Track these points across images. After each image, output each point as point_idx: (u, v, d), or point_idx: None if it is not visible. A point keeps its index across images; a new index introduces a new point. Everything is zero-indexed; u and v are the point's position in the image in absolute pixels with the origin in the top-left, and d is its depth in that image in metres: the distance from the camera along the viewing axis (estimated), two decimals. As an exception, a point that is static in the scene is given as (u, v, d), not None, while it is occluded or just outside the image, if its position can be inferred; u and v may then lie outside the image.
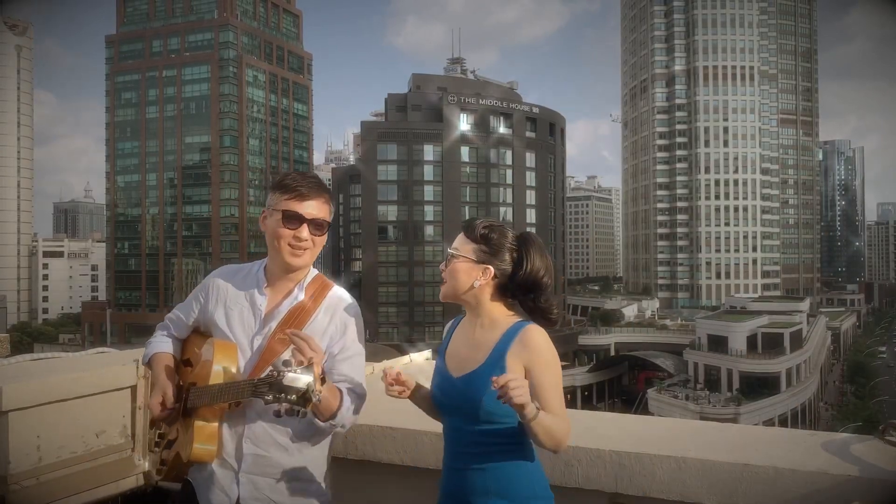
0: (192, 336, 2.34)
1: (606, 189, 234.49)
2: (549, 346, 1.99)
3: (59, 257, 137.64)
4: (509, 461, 1.97)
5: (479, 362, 2.00)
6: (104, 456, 3.08)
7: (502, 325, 2.05)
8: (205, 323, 2.28)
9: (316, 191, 2.15)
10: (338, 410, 2.05)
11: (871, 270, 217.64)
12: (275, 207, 2.14)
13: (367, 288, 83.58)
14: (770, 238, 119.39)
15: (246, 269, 2.29)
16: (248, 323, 2.18)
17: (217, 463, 2.11)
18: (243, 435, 2.10)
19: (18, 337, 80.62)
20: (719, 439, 2.55)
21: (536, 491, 2.00)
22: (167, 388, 2.15)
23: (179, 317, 2.34)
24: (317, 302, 2.19)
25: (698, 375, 67.02)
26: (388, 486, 2.82)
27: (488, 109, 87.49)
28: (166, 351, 2.30)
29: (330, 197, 2.21)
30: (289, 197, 2.13)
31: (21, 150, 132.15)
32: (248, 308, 2.20)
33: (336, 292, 2.24)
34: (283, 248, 2.13)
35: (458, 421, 2.02)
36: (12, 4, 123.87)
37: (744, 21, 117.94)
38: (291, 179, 2.15)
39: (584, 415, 2.84)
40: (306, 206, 2.13)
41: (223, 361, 2.07)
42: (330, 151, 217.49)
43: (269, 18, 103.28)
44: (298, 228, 2.12)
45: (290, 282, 2.21)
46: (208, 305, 2.25)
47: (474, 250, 2.06)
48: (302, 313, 2.16)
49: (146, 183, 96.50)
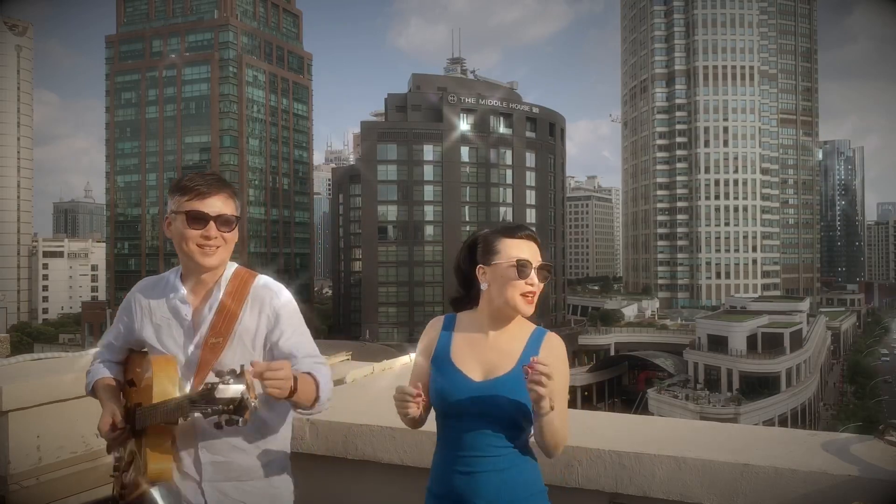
0: (131, 356, 2.28)
1: (606, 189, 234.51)
2: (566, 354, 2.08)
3: (59, 257, 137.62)
4: (521, 462, 2.01)
5: (508, 368, 1.99)
6: (104, 456, 3.08)
7: (523, 331, 2.08)
8: (136, 342, 2.23)
9: (217, 187, 2.10)
10: (318, 392, 2.01)
11: (871, 270, 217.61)
12: (177, 210, 2.08)
13: (367, 288, 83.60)
14: (770, 238, 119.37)
15: (164, 279, 2.22)
16: (177, 335, 2.13)
17: (179, 477, 2.08)
18: (198, 445, 2.08)
19: (18, 337, 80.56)
20: (719, 439, 2.54)
21: (541, 486, 2.05)
22: (115, 410, 2.11)
23: (110, 342, 2.30)
24: (240, 299, 2.12)
25: (698, 375, 67.00)
26: (388, 486, 2.82)
27: (488, 109, 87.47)
28: (106, 376, 2.25)
29: (233, 192, 2.14)
30: (190, 197, 2.07)
31: (21, 150, 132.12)
32: (173, 320, 2.14)
33: (258, 283, 2.17)
34: (193, 249, 2.07)
35: (476, 425, 1.98)
36: (12, 4, 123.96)
37: (744, 21, 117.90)
38: (189, 180, 2.10)
39: (584, 415, 2.84)
40: (209, 203, 2.07)
41: (163, 377, 2.02)
42: (330, 151, 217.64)
43: (269, 18, 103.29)
44: (205, 227, 2.06)
45: (207, 284, 2.15)
46: (134, 325, 2.20)
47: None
48: (227, 315, 2.10)
49: (146, 183, 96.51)
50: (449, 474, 2.01)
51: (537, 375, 1.78)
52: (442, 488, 2.03)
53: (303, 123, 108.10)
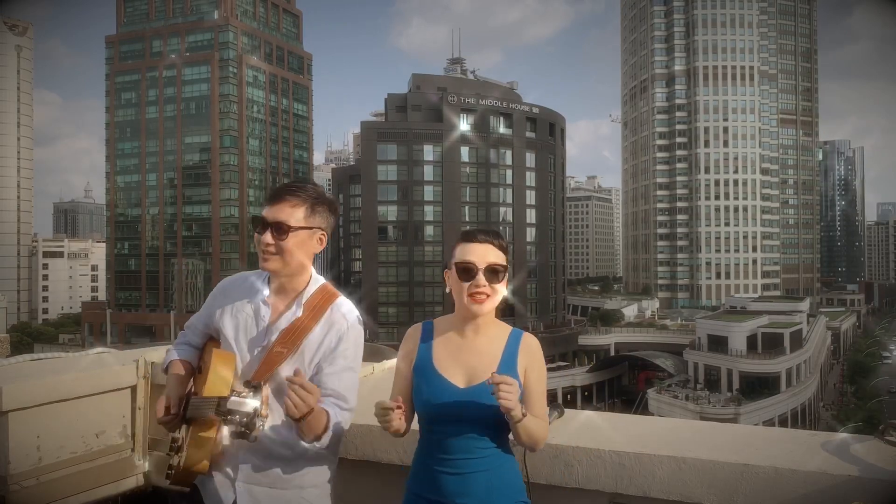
0: (208, 344, 2.34)
1: (606, 189, 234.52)
2: (542, 353, 2.16)
3: (59, 257, 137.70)
4: (505, 460, 2.10)
5: (491, 371, 2.01)
6: (104, 456, 3.08)
7: (500, 331, 2.15)
8: (214, 330, 2.29)
9: (279, 194, 2.14)
10: (323, 433, 2.04)
11: (871, 270, 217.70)
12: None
13: (367, 288, 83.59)
14: (770, 238, 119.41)
15: (253, 277, 2.28)
16: (250, 335, 2.18)
17: (217, 470, 2.14)
18: (240, 445, 2.10)
19: (18, 337, 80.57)
20: (719, 439, 2.54)
21: (521, 482, 2.14)
22: (172, 394, 2.18)
23: (195, 324, 2.36)
24: (316, 317, 2.16)
25: (698, 375, 67.03)
26: (388, 486, 2.82)
27: (488, 109, 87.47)
28: (182, 358, 2.30)
29: (299, 201, 2.13)
30: (266, 203, 2.17)
31: (21, 150, 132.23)
32: (252, 318, 2.20)
33: (337, 305, 2.21)
34: (258, 252, 2.15)
35: (462, 429, 2.04)
36: (12, 4, 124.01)
37: (744, 21, 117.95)
38: (272, 188, 2.20)
39: (584, 415, 2.84)
40: (267, 210, 2.13)
41: (217, 373, 2.06)
42: (330, 151, 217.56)
43: (269, 18, 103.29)
44: (263, 234, 2.11)
45: (291, 293, 2.20)
46: (215, 314, 2.26)
47: (507, 260, 2.11)
48: (298, 331, 2.13)
49: (146, 183, 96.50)
50: (436, 476, 2.06)
51: (496, 388, 1.87)
52: (429, 490, 2.07)
53: (303, 123, 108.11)
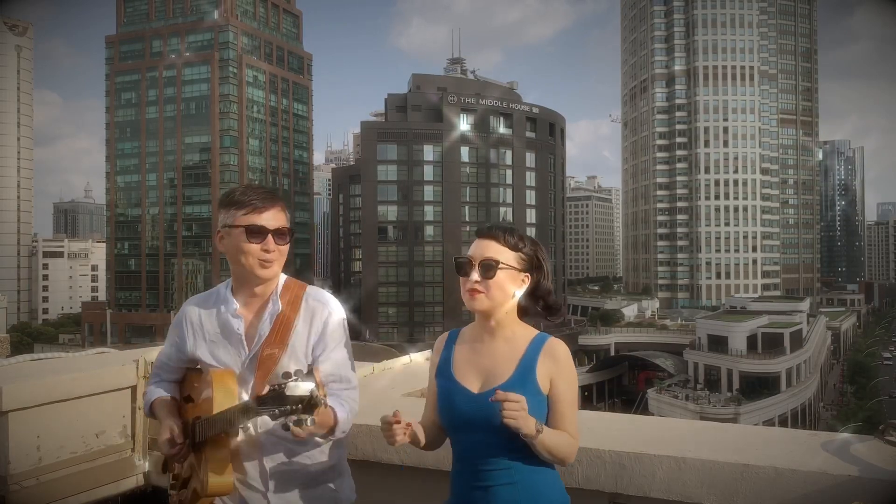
0: (187, 374, 2.29)
1: (606, 189, 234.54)
2: (572, 360, 2.01)
3: (59, 257, 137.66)
4: (536, 472, 1.95)
5: (506, 376, 1.95)
6: (104, 456, 3.08)
7: (523, 337, 2.02)
8: (191, 361, 2.23)
9: (271, 201, 2.12)
10: (334, 428, 2.03)
11: (871, 270, 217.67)
12: (233, 224, 2.09)
13: (367, 288, 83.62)
14: (770, 238, 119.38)
15: (214, 293, 2.24)
16: (231, 348, 2.15)
17: (244, 489, 2.09)
18: (262, 455, 2.09)
19: (18, 337, 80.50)
20: (719, 439, 2.55)
21: (558, 497, 1.99)
22: (173, 424, 2.11)
23: (163, 362, 2.30)
24: (295, 309, 2.14)
25: (698, 375, 67.03)
26: (388, 486, 2.82)
27: (488, 109, 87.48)
28: (163, 394, 2.25)
29: (285, 205, 2.18)
30: (246, 211, 2.09)
31: (21, 150, 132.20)
32: (225, 333, 2.16)
33: (310, 294, 2.20)
34: (252, 263, 2.09)
35: (483, 438, 1.94)
36: (12, 4, 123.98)
37: (744, 21, 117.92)
38: (242, 194, 2.11)
39: (584, 415, 2.84)
40: (266, 217, 2.09)
41: (222, 390, 2.03)
42: (330, 151, 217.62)
43: (269, 18, 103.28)
44: (264, 241, 2.08)
45: (261, 296, 2.17)
46: (186, 345, 2.20)
47: (516, 258, 2.00)
48: (283, 326, 2.11)
49: (146, 183, 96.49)
50: (466, 489, 1.98)
51: (507, 411, 1.76)
52: (458, 503, 2.01)
53: (303, 123, 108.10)
